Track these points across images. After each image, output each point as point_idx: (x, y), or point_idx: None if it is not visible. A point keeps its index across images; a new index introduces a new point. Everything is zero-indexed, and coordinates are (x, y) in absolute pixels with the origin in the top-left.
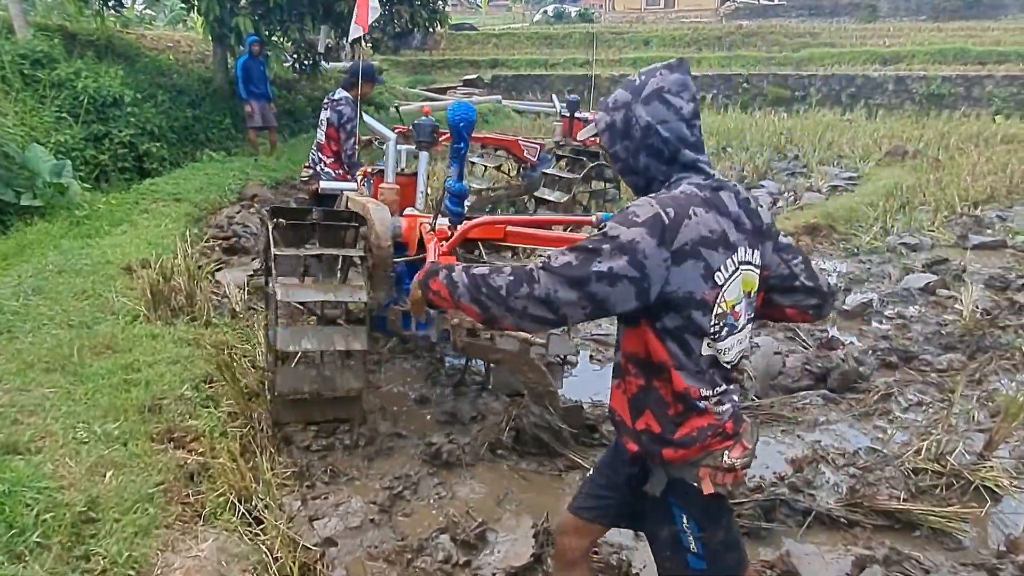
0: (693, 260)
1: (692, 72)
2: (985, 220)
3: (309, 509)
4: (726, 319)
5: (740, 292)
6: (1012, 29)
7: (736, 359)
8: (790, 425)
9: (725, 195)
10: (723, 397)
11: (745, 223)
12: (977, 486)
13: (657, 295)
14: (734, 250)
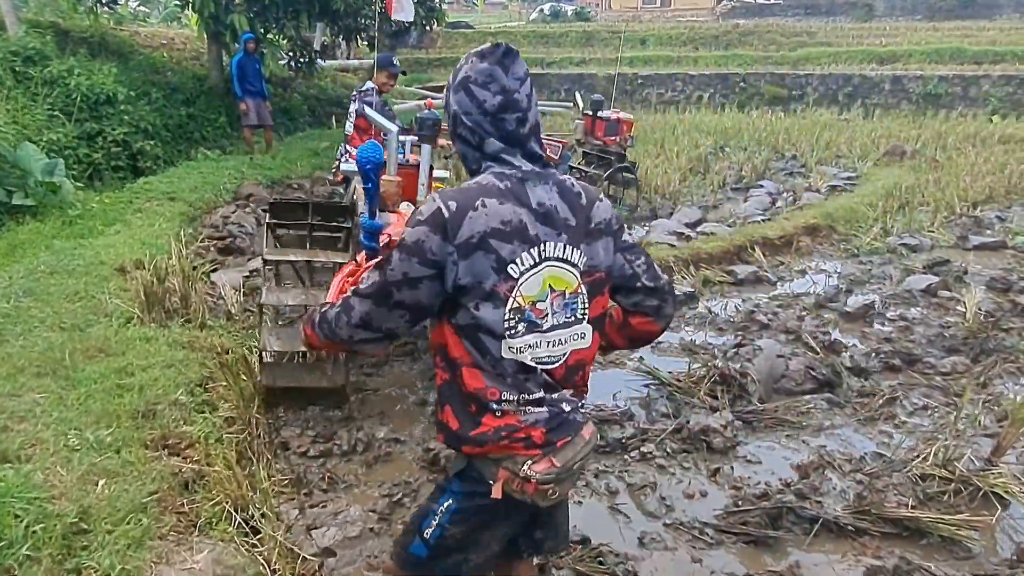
0: (482, 252)
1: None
2: (984, 221)
3: (307, 518)
4: (523, 315)
5: (543, 289)
6: (1007, 29)
7: (558, 363)
8: (795, 430)
9: (537, 188)
10: (534, 404)
11: (562, 218)
12: (986, 492)
13: (453, 288)
14: (535, 244)
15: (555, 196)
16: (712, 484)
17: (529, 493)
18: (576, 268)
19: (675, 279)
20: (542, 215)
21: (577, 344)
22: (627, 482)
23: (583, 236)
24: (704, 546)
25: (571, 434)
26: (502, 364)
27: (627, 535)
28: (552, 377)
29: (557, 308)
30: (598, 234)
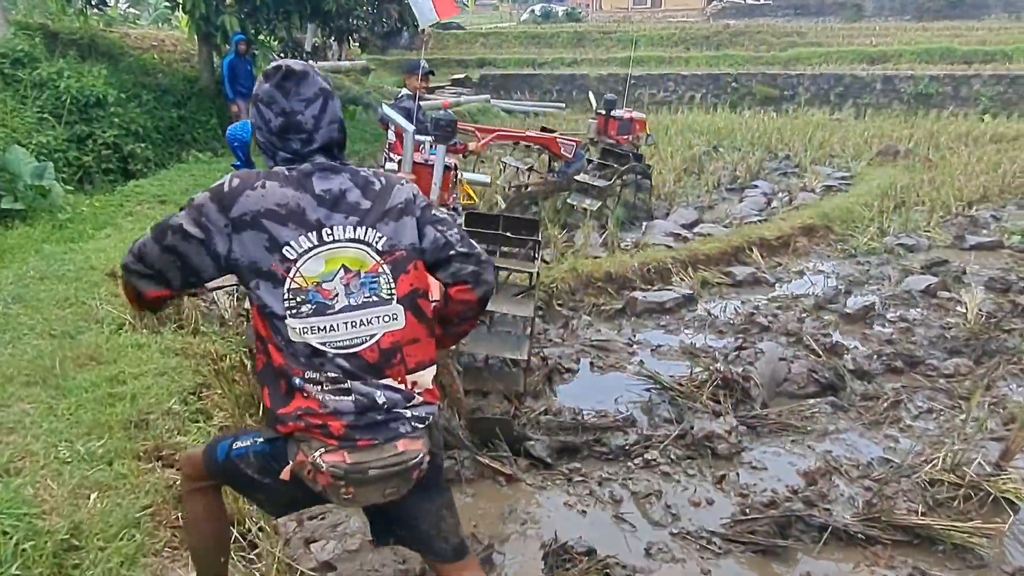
0: (254, 231)
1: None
2: (980, 220)
3: (305, 531)
4: (308, 295)
5: (330, 270)
6: (996, 29)
7: (365, 345)
8: (799, 435)
9: (324, 177)
10: (337, 392)
11: (351, 202)
12: (996, 498)
13: (226, 261)
14: (315, 227)
15: (346, 182)
16: (718, 491)
17: (321, 484)
18: (371, 247)
19: (673, 281)
20: (327, 201)
21: (388, 326)
22: (631, 490)
23: (380, 217)
24: (712, 556)
25: (379, 438)
26: (293, 346)
27: (633, 545)
28: (363, 361)
29: (354, 289)
30: (398, 214)
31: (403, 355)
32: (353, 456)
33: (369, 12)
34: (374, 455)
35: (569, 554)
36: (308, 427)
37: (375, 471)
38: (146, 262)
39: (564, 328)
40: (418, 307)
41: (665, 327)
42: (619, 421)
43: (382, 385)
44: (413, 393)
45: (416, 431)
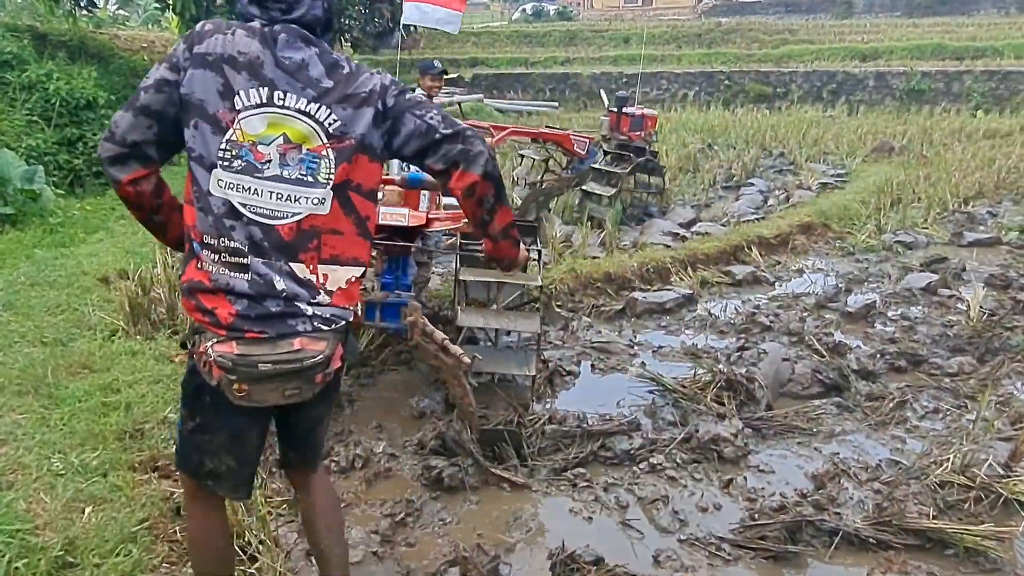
0: (212, 72)
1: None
2: (977, 216)
3: (307, 543)
4: (241, 151)
5: (269, 133)
6: (986, 24)
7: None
8: (806, 437)
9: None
10: (234, 266)
11: (312, 76)
12: (1007, 500)
13: (179, 97)
14: (268, 85)
15: (312, 57)
16: (726, 496)
17: (216, 377)
18: (320, 126)
19: (673, 280)
20: (287, 67)
21: (315, 209)
22: (637, 495)
23: (337, 99)
24: (722, 563)
25: (271, 331)
26: (208, 199)
27: (641, 553)
28: (277, 236)
29: (291, 161)
30: (359, 102)
31: (320, 242)
32: (241, 348)
33: (361, 12)
34: (265, 349)
35: (577, 563)
36: (198, 307)
37: (266, 367)
38: (118, 138)
39: (564, 330)
40: (349, 199)
41: (666, 328)
42: (623, 425)
43: (286, 271)
44: (321, 288)
45: (319, 331)
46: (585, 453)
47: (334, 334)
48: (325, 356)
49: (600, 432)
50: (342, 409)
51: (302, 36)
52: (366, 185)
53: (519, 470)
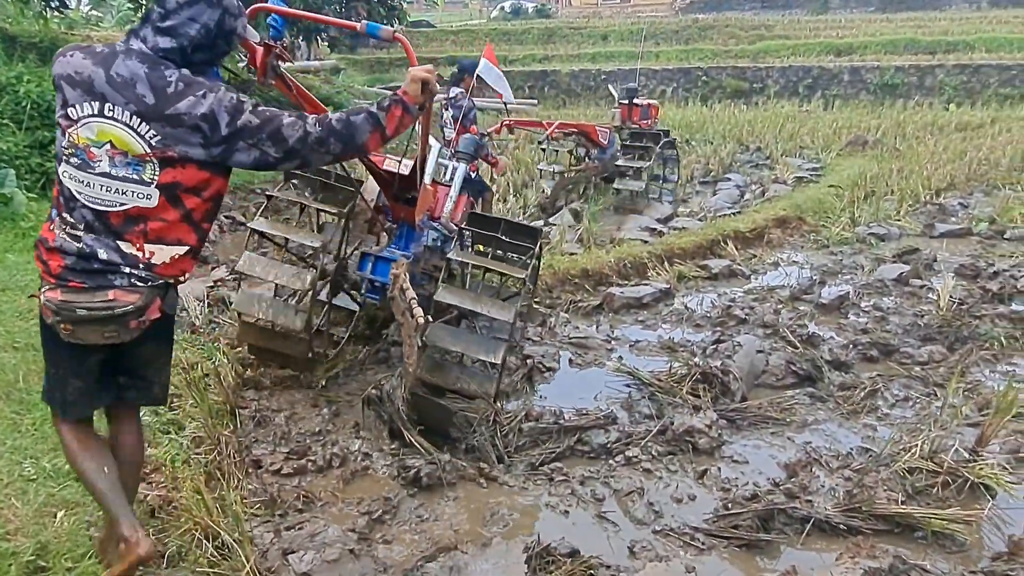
0: (57, 90)
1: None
2: (948, 208)
3: (283, 541)
4: (77, 151)
5: (100, 139)
6: (958, 19)
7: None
8: (779, 427)
9: (125, 63)
10: (71, 236)
11: (137, 93)
12: (973, 484)
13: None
14: (99, 99)
15: (141, 74)
16: (700, 487)
17: (49, 318)
18: (142, 138)
19: (650, 275)
20: (117, 83)
21: (140, 202)
22: (613, 488)
23: (158, 117)
24: (696, 552)
25: (89, 283)
26: (62, 185)
27: (616, 544)
28: (106, 221)
29: (119, 163)
30: (181, 124)
31: (146, 227)
32: (64, 295)
33: (337, 12)
34: (84, 298)
35: (552, 556)
36: (39, 257)
37: (83, 312)
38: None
39: (542, 326)
40: (176, 196)
41: (643, 322)
42: (600, 419)
43: (112, 247)
44: (145, 261)
45: (134, 287)
46: (562, 448)
47: (150, 289)
48: (136, 307)
49: (576, 427)
50: (319, 408)
51: (138, 54)
52: (192, 184)
53: (495, 465)
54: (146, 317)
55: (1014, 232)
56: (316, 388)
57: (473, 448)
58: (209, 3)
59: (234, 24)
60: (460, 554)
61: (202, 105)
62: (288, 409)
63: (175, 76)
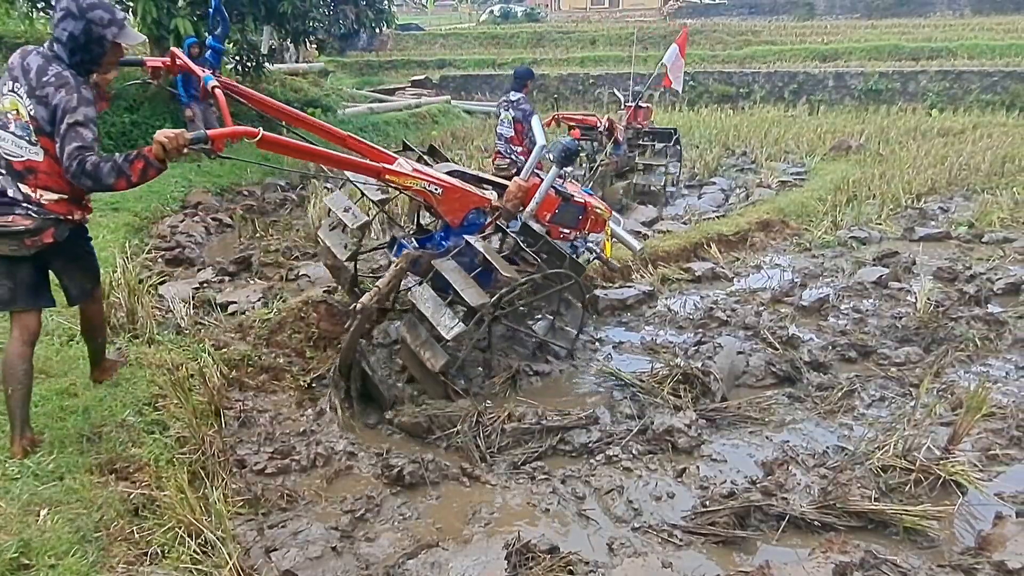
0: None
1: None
2: (928, 212)
3: (266, 539)
4: (5, 116)
5: (9, 108)
6: (941, 26)
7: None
8: (758, 426)
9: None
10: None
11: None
12: (945, 481)
13: None
14: (13, 79)
15: (32, 66)
16: (679, 485)
17: None
18: (27, 109)
19: (634, 278)
20: (18, 70)
21: (31, 156)
22: (594, 487)
23: (36, 97)
24: (674, 548)
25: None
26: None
27: (596, 542)
28: (12, 168)
29: (19, 127)
30: (47, 105)
31: (36, 176)
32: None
33: (325, 14)
34: None
35: (532, 552)
36: None
37: None
38: None
39: None
40: (53, 156)
41: (626, 324)
42: (582, 419)
43: (17, 187)
44: (38, 200)
45: (28, 215)
46: (544, 447)
47: (44, 220)
48: (29, 229)
49: (559, 427)
50: (304, 409)
51: (39, 53)
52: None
53: (478, 464)
54: (40, 239)
55: (992, 235)
56: (302, 388)
57: (457, 448)
58: (75, 17)
59: (103, 32)
60: (441, 551)
61: (59, 97)
62: (273, 410)
63: (55, 71)
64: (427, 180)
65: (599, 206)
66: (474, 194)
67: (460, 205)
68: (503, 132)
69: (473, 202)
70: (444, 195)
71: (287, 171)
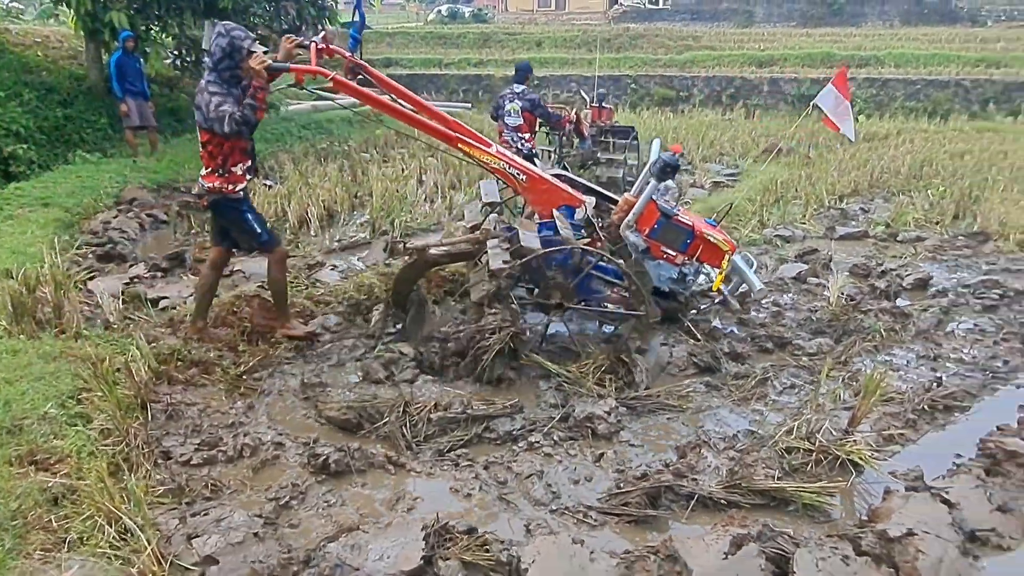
0: None
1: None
2: (850, 212)
3: (188, 527)
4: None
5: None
6: (871, 35)
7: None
8: (676, 413)
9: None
10: None
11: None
12: (843, 460)
13: None
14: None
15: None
16: (597, 469)
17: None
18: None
19: None
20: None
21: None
22: (515, 472)
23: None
24: (588, 528)
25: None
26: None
27: (515, 524)
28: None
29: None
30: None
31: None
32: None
33: (267, 10)
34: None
35: (451, 533)
36: None
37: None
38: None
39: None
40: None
41: None
42: (507, 408)
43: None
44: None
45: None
46: (469, 435)
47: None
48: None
49: (484, 415)
50: (234, 402)
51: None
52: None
53: (403, 452)
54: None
55: (906, 235)
56: (231, 382)
57: (385, 437)
58: (223, 35)
59: (241, 44)
60: (362, 533)
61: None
62: (202, 402)
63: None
64: (508, 163)
65: (718, 237)
66: (563, 191)
67: (547, 198)
68: (511, 122)
69: (562, 198)
70: (529, 184)
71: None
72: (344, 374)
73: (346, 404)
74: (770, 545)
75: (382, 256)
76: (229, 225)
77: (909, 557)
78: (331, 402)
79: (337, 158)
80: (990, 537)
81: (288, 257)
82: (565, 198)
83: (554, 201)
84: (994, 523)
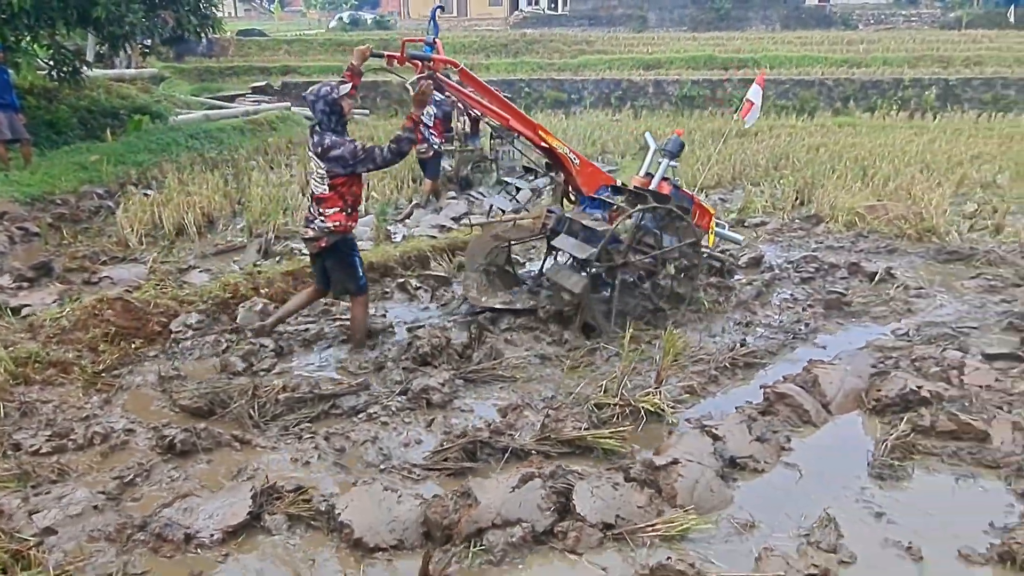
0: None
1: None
2: (711, 202)
3: (30, 505)
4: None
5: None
6: (752, 39)
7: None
8: (508, 383)
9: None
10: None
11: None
12: (644, 412)
13: None
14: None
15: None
16: (428, 433)
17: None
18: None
19: (431, 266)
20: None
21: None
22: (352, 440)
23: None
24: (412, 483)
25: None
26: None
27: (342, 483)
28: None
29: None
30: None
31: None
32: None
33: (142, 19)
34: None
35: (278, 492)
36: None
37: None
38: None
39: (324, 314)
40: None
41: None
42: (353, 387)
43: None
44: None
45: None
46: (316, 412)
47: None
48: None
49: (331, 394)
50: (90, 398)
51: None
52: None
53: (250, 431)
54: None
55: (751, 220)
56: (89, 380)
57: (234, 419)
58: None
59: (336, 97)
60: (195, 498)
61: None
62: (58, 400)
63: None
64: (570, 150)
65: (705, 203)
66: (603, 173)
67: (592, 180)
68: (429, 123)
69: (603, 179)
70: (581, 166)
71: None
72: (204, 368)
73: (198, 392)
74: (561, 481)
75: (255, 257)
76: (335, 266)
77: (670, 480)
78: (184, 391)
79: (224, 166)
80: (748, 463)
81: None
82: (604, 178)
83: (597, 181)
84: (752, 451)
